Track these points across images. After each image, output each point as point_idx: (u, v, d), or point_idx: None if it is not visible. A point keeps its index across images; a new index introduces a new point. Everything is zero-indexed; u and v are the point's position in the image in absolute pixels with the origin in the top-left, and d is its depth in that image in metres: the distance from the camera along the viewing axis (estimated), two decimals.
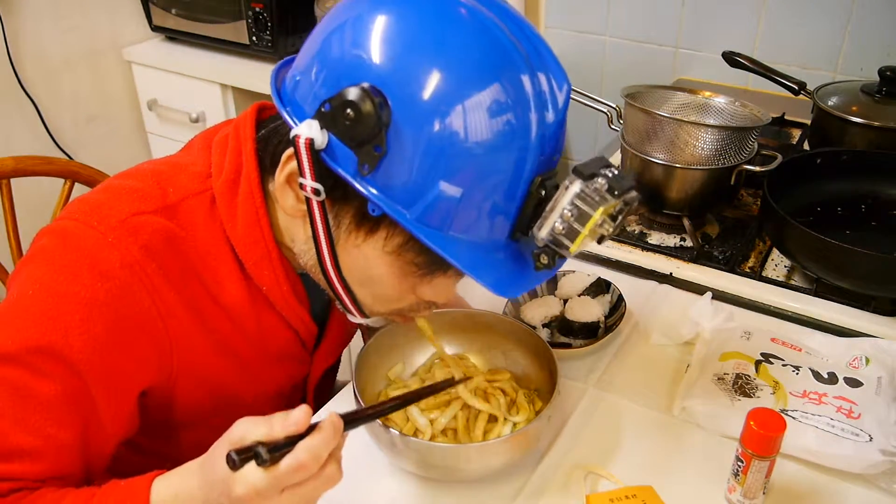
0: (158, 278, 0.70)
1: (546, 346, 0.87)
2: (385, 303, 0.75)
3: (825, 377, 0.90)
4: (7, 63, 1.82)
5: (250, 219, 0.74)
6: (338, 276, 0.72)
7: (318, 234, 0.69)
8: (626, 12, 1.80)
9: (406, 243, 0.67)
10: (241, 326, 0.78)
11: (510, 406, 0.87)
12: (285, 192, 0.69)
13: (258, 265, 0.76)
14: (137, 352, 0.71)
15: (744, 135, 1.15)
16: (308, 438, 0.58)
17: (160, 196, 0.73)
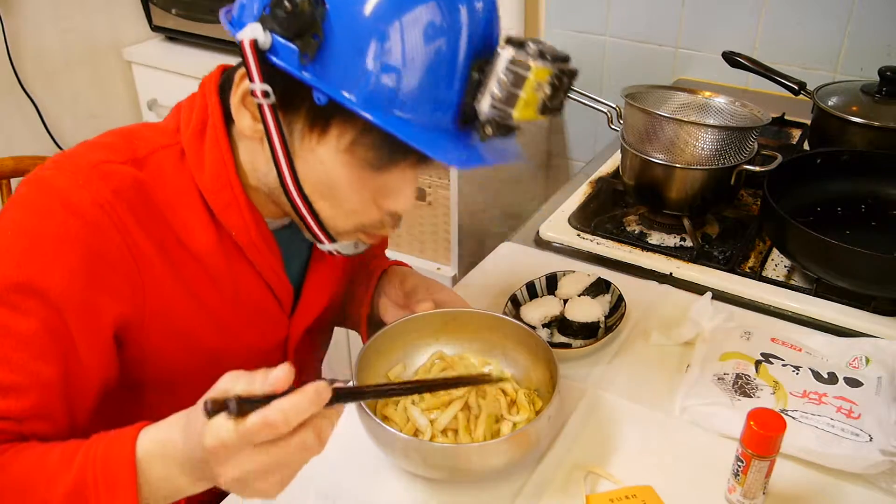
0: (129, 219, 0.73)
1: (546, 346, 0.87)
2: (347, 216, 0.76)
3: (825, 377, 0.90)
4: (7, 63, 1.82)
5: (217, 163, 0.77)
6: (298, 191, 0.74)
7: (275, 144, 0.71)
8: (626, 12, 1.80)
9: (357, 138, 0.69)
10: (212, 275, 0.80)
11: (510, 406, 0.87)
12: (241, 112, 0.72)
13: (226, 209, 0.78)
14: (110, 286, 0.72)
15: (744, 135, 1.15)
16: (282, 399, 0.58)
17: (130, 149, 0.76)
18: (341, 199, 0.74)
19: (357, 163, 0.71)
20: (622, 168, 1.28)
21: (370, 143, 0.69)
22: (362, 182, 0.73)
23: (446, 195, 1.68)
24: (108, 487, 0.62)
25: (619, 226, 1.29)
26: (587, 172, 1.46)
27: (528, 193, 2.06)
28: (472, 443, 0.82)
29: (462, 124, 0.69)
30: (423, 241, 1.79)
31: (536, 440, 0.81)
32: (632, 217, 1.30)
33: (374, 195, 0.75)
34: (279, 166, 0.72)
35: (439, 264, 1.79)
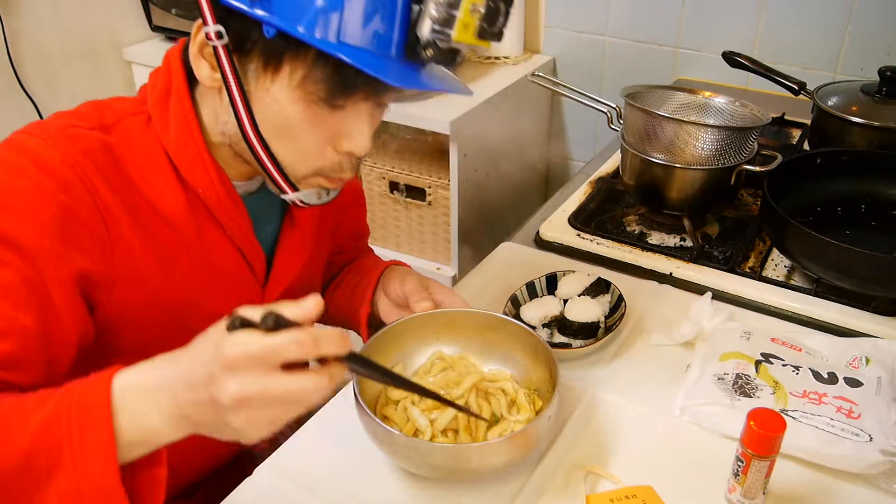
0: (97, 180, 0.74)
1: (545, 347, 0.87)
2: (305, 159, 0.78)
3: (825, 377, 0.90)
4: (7, 63, 1.82)
5: (181, 122, 0.79)
6: (256, 134, 0.76)
7: (231, 87, 0.73)
8: (626, 12, 1.80)
9: (308, 73, 0.71)
10: (183, 238, 0.81)
11: (510, 406, 0.87)
12: (199, 62, 0.75)
13: (191, 166, 0.80)
14: (80, 243, 0.73)
15: (744, 135, 1.15)
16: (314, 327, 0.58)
17: (98, 117, 0.79)
18: (298, 140, 0.76)
19: (310, 98, 0.73)
20: (622, 168, 1.28)
21: (321, 77, 0.71)
22: (317, 120, 0.75)
23: (446, 195, 1.68)
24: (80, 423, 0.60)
25: (619, 226, 1.29)
26: (587, 172, 1.46)
27: (527, 193, 2.06)
28: (473, 443, 0.82)
29: (409, 55, 0.72)
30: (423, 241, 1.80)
31: (536, 440, 0.81)
32: (632, 217, 1.30)
33: (331, 136, 0.77)
34: (236, 109, 0.75)
35: (439, 264, 1.79)
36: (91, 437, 0.60)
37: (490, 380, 0.90)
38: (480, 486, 0.82)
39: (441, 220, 1.74)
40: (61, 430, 0.60)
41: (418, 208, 1.75)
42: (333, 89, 0.72)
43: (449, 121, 1.56)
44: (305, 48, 0.70)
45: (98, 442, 0.60)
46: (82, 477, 0.60)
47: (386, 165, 1.75)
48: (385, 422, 0.81)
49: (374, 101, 0.76)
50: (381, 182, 1.77)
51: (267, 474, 0.84)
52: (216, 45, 0.72)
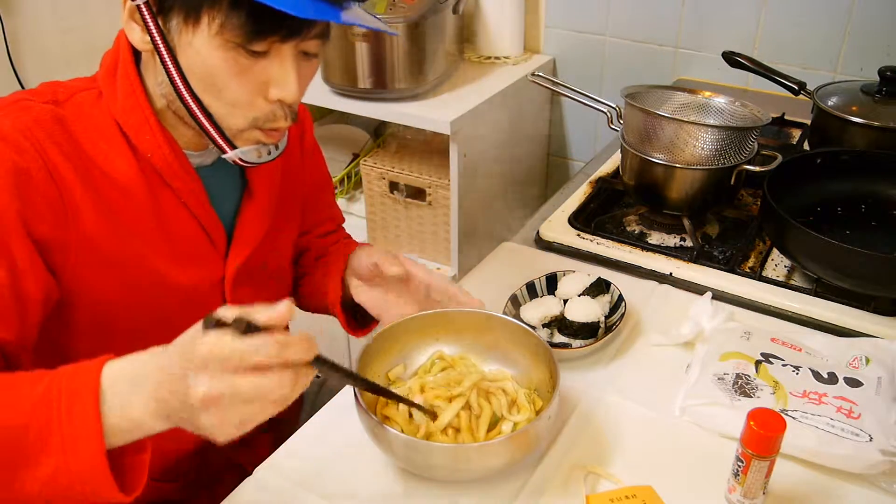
0: (49, 147, 0.77)
1: (546, 347, 0.87)
2: (236, 110, 0.79)
3: (825, 377, 0.90)
4: (7, 63, 1.82)
5: (127, 90, 0.82)
6: (186, 88, 0.78)
7: (158, 45, 0.76)
8: (626, 12, 1.80)
9: (225, 21, 0.73)
10: (136, 205, 0.83)
11: (511, 406, 0.87)
12: (130, 28, 0.78)
13: (139, 131, 0.82)
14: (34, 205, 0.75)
15: (744, 135, 1.15)
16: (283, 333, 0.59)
17: (51, 93, 0.82)
18: (226, 90, 0.77)
19: (229, 45, 0.74)
20: (622, 168, 1.28)
21: (237, 23, 0.73)
22: (240, 69, 0.76)
23: (446, 195, 1.68)
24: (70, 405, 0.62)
25: (619, 226, 1.29)
26: (587, 172, 1.46)
27: (527, 193, 2.06)
28: (473, 442, 0.82)
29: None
30: (423, 241, 1.80)
31: (537, 440, 0.81)
32: (632, 217, 1.30)
33: (258, 85, 0.78)
34: (166, 66, 0.77)
35: (439, 264, 1.79)
36: (79, 420, 0.61)
37: (490, 380, 0.90)
38: (480, 486, 0.82)
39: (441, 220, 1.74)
40: (51, 411, 0.62)
41: (418, 208, 1.75)
42: (250, 33, 0.73)
43: (449, 121, 1.56)
44: None
45: (85, 424, 0.61)
46: (70, 457, 0.61)
47: (386, 165, 1.75)
48: (385, 422, 0.81)
49: (295, 45, 0.77)
50: (381, 182, 1.77)
51: (267, 474, 0.84)
52: (139, 3, 0.75)
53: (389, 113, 1.65)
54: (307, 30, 0.76)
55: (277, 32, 0.74)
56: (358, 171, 1.94)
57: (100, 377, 0.63)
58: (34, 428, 0.62)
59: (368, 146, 2.04)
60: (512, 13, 1.84)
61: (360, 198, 1.94)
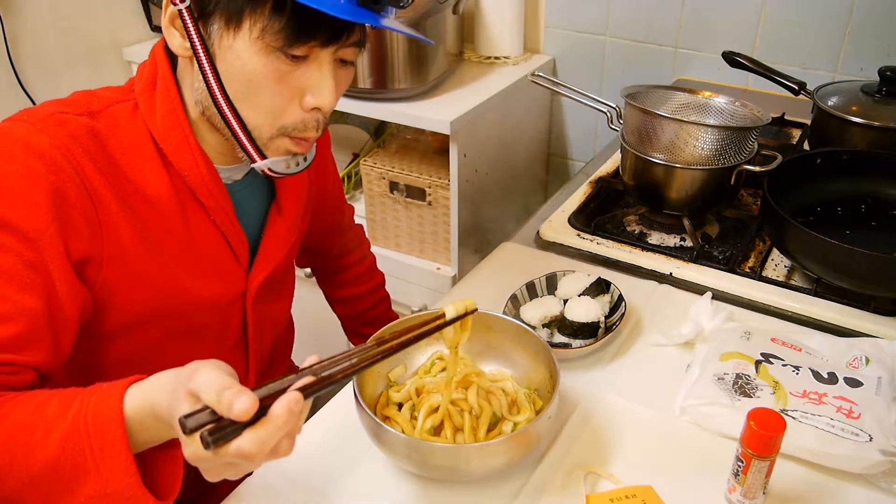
0: (85, 162, 0.77)
1: (546, 346, 0.87)
2: (269, 116, 0.79)
3: (825, 377, 0.90)
4: (7, 63, 1.82)
5: (167, 106, 0.82)
6: (223, 94, 0.78)
7: (196, 49, 0.77)
8: (626, 12, 1.80)
9: (267, 24, 0.74)
10: (167, 221, 0.84)
11: (510, 406, 0.87)
12: (170, 33, 0.78)
13: (177, 149, 0.82)
14: (71, 223, 0.75)
15: (744, 135, 1.15)
16: (257, 428, 0.58)
17: (86, 104, 0.81)
18: (262, 96, 0.78)
19: (269, 49, 0.75)
20: (622, 168, 1.28)
21: (278, 27, 0.74)
22: (279, 74, 0.77)
23: (446, 195, 1.68)
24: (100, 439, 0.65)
25: (619, 226, 1.29)
26: (587, 172, 1.46)
27: (527, 193, 2.06)
28: (473, 443, 0.82)
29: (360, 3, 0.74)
30: (423, 241, 1.79)
31: (537, 440, 0.81)
32: (632, 217, 1.30)
33: (295, 91, 0.79)
34: (203, 70, 0.77)
35: (439, 264, 1.79)
36: (110, 451, 0.65)
37: (491, 380, 0.90)
38: (480, 486, 0.82)
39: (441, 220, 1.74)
40: (82, 443, 0.66)
41: (418, 208, 1.75)
42: (291, 36, 0.74)
43: (449, 121, 1.55)
44: (263, 2, 0.73)
45: (116, 454, 0.65)
46: (106, 481, 0.66)
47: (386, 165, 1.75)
48: (386, 422, 0.81)
49: (333, 51, 0.77)
50: (381, 182, 1.77)
51: (267, 474, 0.84)
52: (180, 8, 0.75)
53: (389, 113, 1.65)
54: (346, 35, 0.77)
55: (318, 37, 0.75)
56: (358, 171, 1.94)
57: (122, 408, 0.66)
58: (69, 458, 0.66)
59: (368, 146, 2.04)
60: (512, 13, 1.84)
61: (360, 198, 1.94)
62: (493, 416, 0.85)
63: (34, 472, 0.66)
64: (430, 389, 0.88)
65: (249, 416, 0.57)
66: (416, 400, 0.88)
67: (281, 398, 0.59)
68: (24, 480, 0.67)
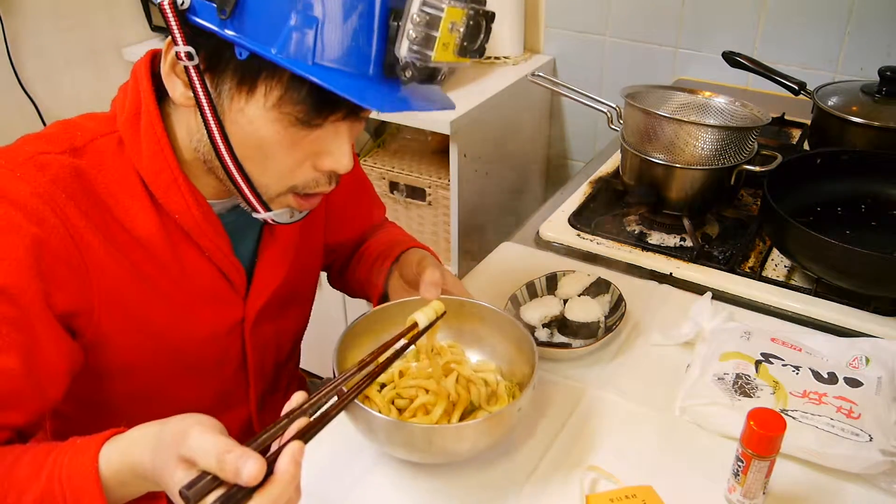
0: (69, 208, 0.73)
1: (530, 340, 0.87)
2: (279, 177, 0.76)
3: (825, 377, 0.90)
4: (7, 63, 1.82)
5: (153, 146, 0.77)
6: (229, 153, 0.74)
7: (203, 107, 0.71)
8: (626, 12, 1.80)
9: (284, 94, 0.69)
10: (158, 260, 0.80)
11: (490, 397, 0.88)
12: (172, 80, 0.73)
13: (167, 192, 0.78)
14: (55, 275, 0.72)
15: (744, 135, 1.15)
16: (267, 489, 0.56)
17: (67, 139, 0.77)
18: (273, 160, 0.74)
19: (286, 119, 0.71)
20: (622, 168, 1.28)
21: (297, 98, 0.69)
22: (294, 141, 0.73)
23: (446, 195, 1.68)
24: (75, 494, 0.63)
25: (619, 226, 1.29)
26: (587, 172, 1.46)
27: (527, 193, 2.06)
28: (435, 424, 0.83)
29: (387, 74, 0.69)
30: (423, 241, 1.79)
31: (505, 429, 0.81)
32: (632, 217, 1.30)
33: (309, 155, 0.75)
34: (210, 129, 0.73)
35: None
36: None
37: (475, 369, 0.91)
38: (480, 486, 0.82)
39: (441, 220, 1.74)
40: None
41: (418, 208, 1.75)
42: (310, 110, 0.70)
43: (449, 121, 1.56)
44: (281, 69, 0.68)
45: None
46: None
47: (386, 165, 1.75)
48: (365, 402, 0.81)
49: (353, 118, 0.74)
50: (381, 182, 1.77)
51: None
52: (187, 65, 0.70)
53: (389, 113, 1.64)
54: None
55: (339, 110, 0.71)
56: None
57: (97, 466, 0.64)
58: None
59: (368, 146, 2.04)
60: (512, 13, 1.84)
61: None
62: (469, 404, 0.86)
63: None
64: (413, 374, 0.89)
65: (259, 480, 0.56)
66: (398, 382, 0.89)
67: (284, 452, 0.58)
68: None
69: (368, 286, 1.05)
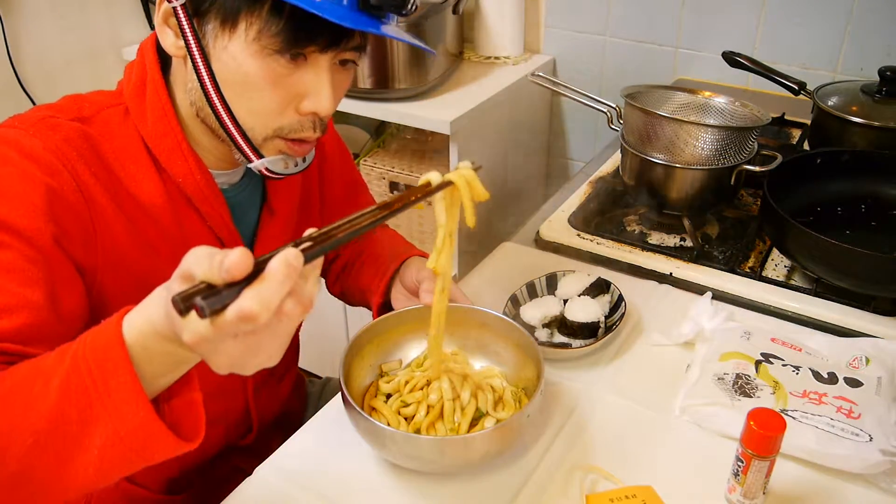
0: (79, 165, 0.76)
1: (535, 346, 0.87)
2: (266, 117, 0.78)
3: (825, 377, 0.90)
4: (7, 63, 1.82)
5: (158, 111, 0.81)
6: (217, 93, 0.76)
7: (191, 48, 0.75)
8: (626, 12, 1.80)
9: (263, 27, 0.72)
10: (161, 226, 0.82)
11: (497, 403, 0.88)
12: (164, 31, 0.77)
13: (170, 156, 0.81)
14: (67, 225, 0.74)
15: (744, 135, 1.15)
16: (255, 285, 0.52)
17: (76, 109, 0.80)
18: (258, 97, 0.76)
19: (266, 52, 0.73)
20: (622, 168, 1.28)
21: (276, 30, 0.72)
22: (276, 77, 0.75)
23: None
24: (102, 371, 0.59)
25: (619, 226, 1.29)
26: (587, 172, 1.46)
27: (527, 193, 2.06)
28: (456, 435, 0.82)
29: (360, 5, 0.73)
30: (424, 241, 1.79)
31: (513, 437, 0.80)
32: (632, 217, 1.30)
33: (292, 95, 0.77)
34: (198, 70, 0.76)
35: None
36: (115, 382, 0.59)
37: (482, 376, 0.90)
38: (480, 486, 0.82)
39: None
40: (84, 381, 0.59)
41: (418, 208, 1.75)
42: (289, 40, 0.73)
43: (449, 121, 1.55)
44: (260, 2, 0.71)
45: (123, 384, 0.59)
46: (118, 421, 0.59)
47: (386, 165, 1.75)
48: (372, 413, 0.81)
49: (333, 56, 0.76)
50: (381, 182, 1.77)
51: (267, 474, 0.84)
52: (175, 6, 0.73)
53: (389, 113, 1.65)
54: (346, 41, 0.75)
55: (316, 41, 0.74)
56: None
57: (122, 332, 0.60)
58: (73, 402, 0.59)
59: (368, 146, 2.03)
60: (512, 13, 1.84)
61: None
62: (476, 411, 0.86)
63: (37, 429, 0.59)
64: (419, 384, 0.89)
65: (243, 269, 0.52)
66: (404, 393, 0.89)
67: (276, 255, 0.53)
68: (27, 443, 0.59)
69: (369, 295, 1.06)
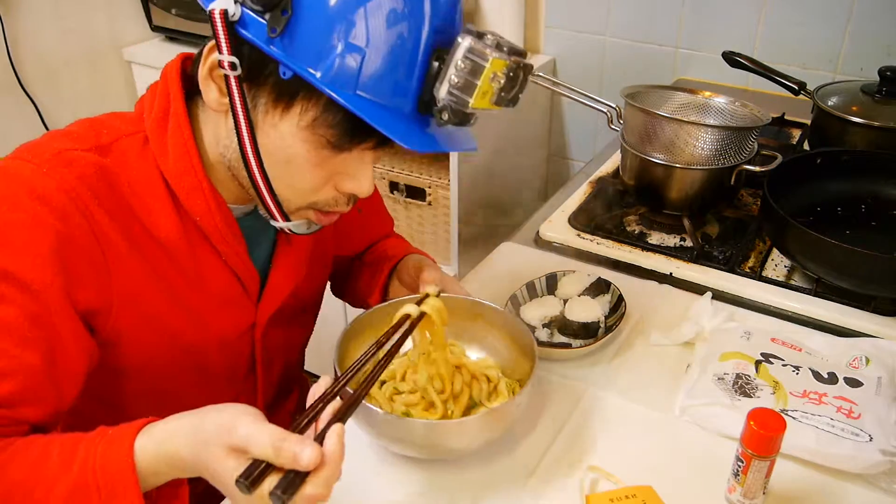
0: (93, 205, 0.73)
1: (530, 337, 0.87)
2: (302, 193, 0.77)
3: (825, 377, 0.90)
4: (7, 63, 1.82)
5: (180, 148, 0.78)
6: (258, 163, 0.75)
7: (238, 116, 0.72)
8: (626, 12, 1.80)
9: (319, 116, 0.70)
10: (177, 261, 0.81)
11: (491, 393, 0.88)
12: (208, 85, 0.73)
13: (190, 194, 0.79)
14: (78, 271, 0.73)
15: (744, 135, 1.15)
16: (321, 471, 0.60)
17: (94, 137, 0.77)
18: (299, 176, 0.75)
19: (317, 141, 0.72)
20: (622, 168, 1.28)
21: (331, 122, 0.70)
22: (320, 160, 0.74)
23: (446, 195, 1.68)
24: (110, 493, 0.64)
25: (619, 226, 1.29)
26: (587, 172, 1.46)
27: (527, 193, 2.06)
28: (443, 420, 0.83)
29: (421, 111, 0.70)
30: (423, 241, 1.79)
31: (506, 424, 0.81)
32: (632, 217, 1.30)
33: (332, 175, 0.77)
34: (241, 138, 0.73)
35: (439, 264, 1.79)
36: None
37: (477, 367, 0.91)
38: (481, 486, 0.82)
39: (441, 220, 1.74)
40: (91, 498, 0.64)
41: (418, 208, 1.75)
42: (343, 136, 0.71)
43: None
44: (319, 91, 0.68)
45: None
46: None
47: (386, 165, 1.75)
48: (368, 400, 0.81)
49: (380, 149, 0.75)
50: (381, 182, 1.77)
51: None
52: (228, 74, 0.70)
53: None
54: None
55: (370, 139, 0.72)
56: None
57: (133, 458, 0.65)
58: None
59: None
60: (512, 13, 1.84)
61: None
62: (469, 400, 0.86)
63: None
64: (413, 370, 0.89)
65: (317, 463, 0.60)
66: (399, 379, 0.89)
67: (330, 434, 0.62)
68: None
69: (368, 293, 1.06)
